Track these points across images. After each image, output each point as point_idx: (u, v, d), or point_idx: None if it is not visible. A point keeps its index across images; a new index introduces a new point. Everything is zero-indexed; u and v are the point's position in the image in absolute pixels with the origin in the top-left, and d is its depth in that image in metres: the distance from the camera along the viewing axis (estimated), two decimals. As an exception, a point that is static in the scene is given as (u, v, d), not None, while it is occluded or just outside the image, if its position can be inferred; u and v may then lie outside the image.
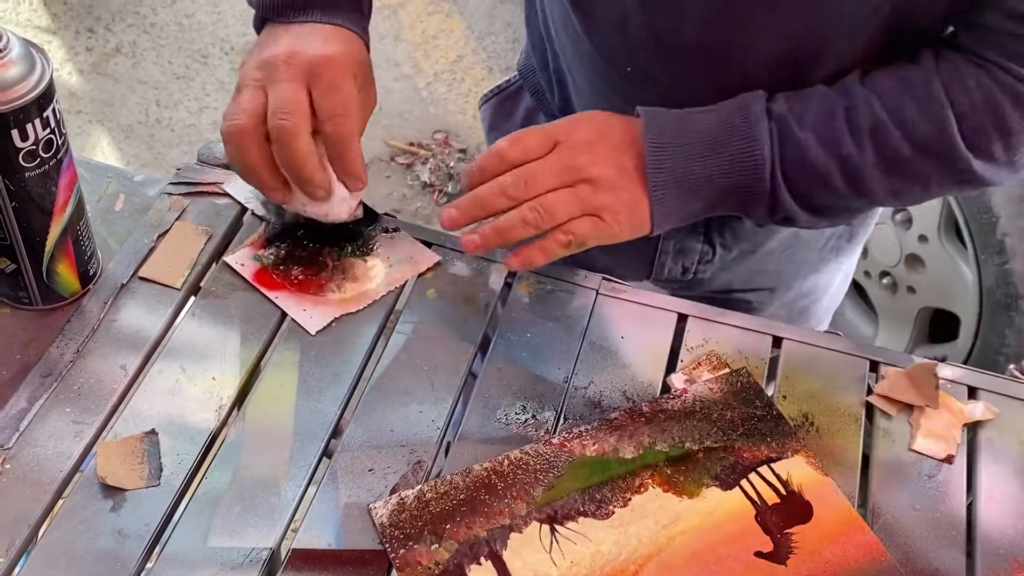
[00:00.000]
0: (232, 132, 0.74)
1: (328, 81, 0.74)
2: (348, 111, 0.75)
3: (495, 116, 1.05)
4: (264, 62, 0.75)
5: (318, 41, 0.76)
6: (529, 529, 0.66)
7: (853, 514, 0.69)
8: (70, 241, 0.75)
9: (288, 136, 0.73)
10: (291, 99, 0.73)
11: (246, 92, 0.75)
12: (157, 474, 0.68)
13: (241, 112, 0.74)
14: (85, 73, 2.56)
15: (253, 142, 0.74)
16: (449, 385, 0.75)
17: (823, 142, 0.74)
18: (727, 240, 0.96)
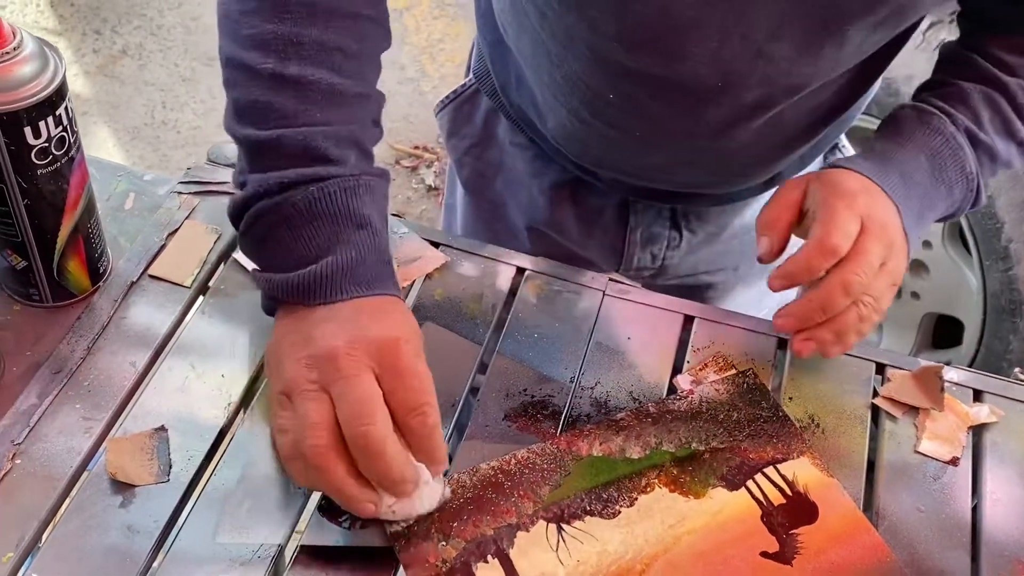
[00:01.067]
0: (313, 454, 0.63)
1: (402, 367, 0.64)
2: (430, 397, 0.65)
3: (453, 122, 1.05)
4: (319, 358, 0.64)
5: (372, 320, 0.66)
6: (536, 528, 0.67)
7: (858, 515, 0.69)
8: (81, 239, 0.75)
9: (377, 445, 0.62)
10: (368, 400, 0.63)
11: (309, 402, 0.64)
12: (166, 470, 0.68)
13: (315, 428, 0.63)
14: (91, 75, 2.57)
15: (340, 461, 0.63)
16: (456, 385, 0.76)
17: (1003, 135, 0.81)
18: (692, 224, 0.97)
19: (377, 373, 0.64)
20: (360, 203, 0.68)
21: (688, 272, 1.04)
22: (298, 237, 0.67)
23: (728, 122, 0.81)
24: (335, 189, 0.67)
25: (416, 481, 0.65)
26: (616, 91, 0.81)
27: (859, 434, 0.76)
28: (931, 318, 1.81)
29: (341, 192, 0.68)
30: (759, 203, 0.98)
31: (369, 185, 0.70)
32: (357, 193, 0.68)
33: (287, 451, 0.65)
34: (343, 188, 0.68)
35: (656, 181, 0.91)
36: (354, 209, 0.68)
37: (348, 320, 0.66)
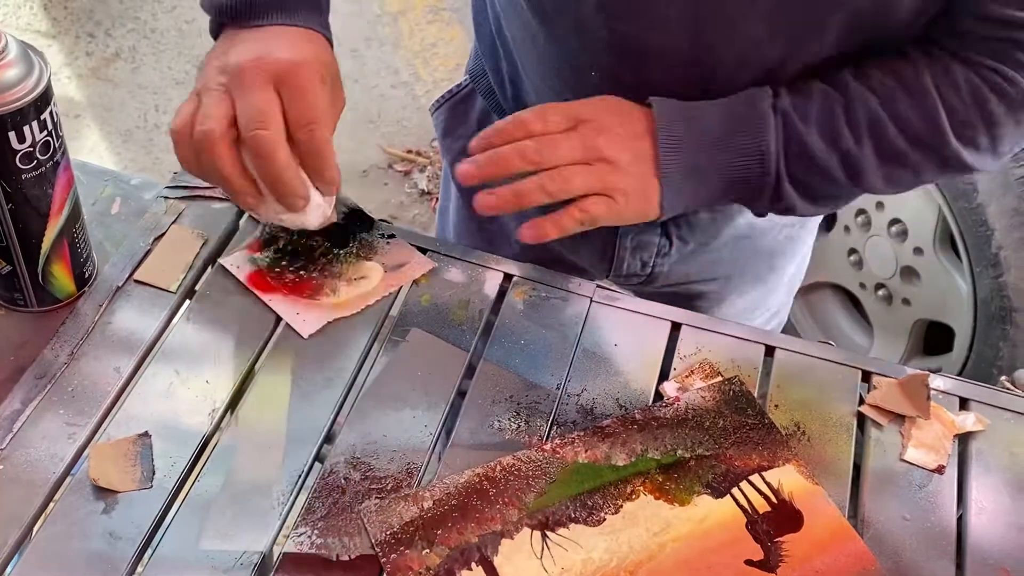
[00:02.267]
0: (205, 139, 0.72)
1: (299, 87, 0.72)
2: (321, 117, 0.73)
3: (448, 121, 1.06)
4: (229, 67, 0.73)
5: (284, 45, 0.75)
6: (520, 535, 0.67)
7: (843, 523, 0.69)
8: (66, 244, 0.75)
9: (268, 146, 0.71)
10: (265, 108, 0.71)
11: (212, 97, 0.73)
12: (150, 477, 0.68)
13: (209, 118, 0.72)
14: (84, 78, 2.56)
15: (226, 149, 0.72)
16: (442, 391, 0.76)
17: (824, 137, 0.77)
18: (683, 233, 0.97)
19: (278, 89, 0.72)
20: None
21: (679, 280, 1.03)
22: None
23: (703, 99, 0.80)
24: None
25: (306, 196, 0.74)
26: (598, 67, 0.82)
27: (845, 442, 0.76)
28: (922, 324, 1.81)
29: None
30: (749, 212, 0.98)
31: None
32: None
33: (177, 136, 0.74)
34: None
35: None
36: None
37: (263, 41, 0.74)
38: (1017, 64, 0.75)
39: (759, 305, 1.12)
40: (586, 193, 0.76)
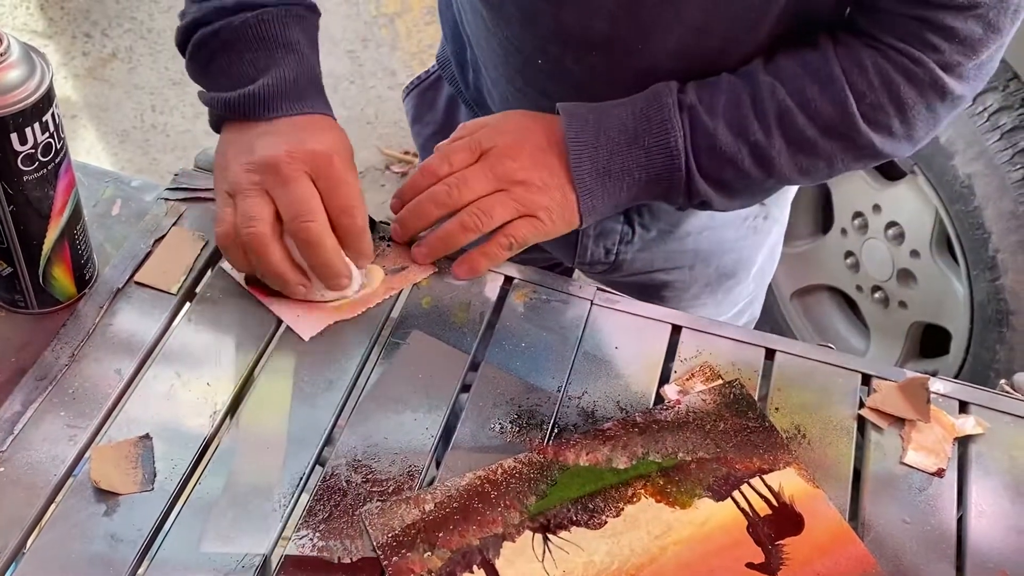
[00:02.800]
0: (254, 240, 0.74)
1: (336, 177, 0.75)
2: (358, 202, 0.76)
3: (418, 108, 1.08)
4: (261, 164, 0.75)
5: (307, 135, 0.77)
6: (522, 538, 0.67)
7: (844, 526, 0.70)
8: (67, 245, 0.75)
9: (316, 237, 0.74)
10: (308, 200, 0.74)
11: (250, 198, 0.75)
12: (151, 479, 0.68)
13: (254, 220, 0.74)
14: (81, 78, 2.56)
15: (276, 247, 0.75)
16: (443, 393, 0.76)
17: (732, 129, 0.78)
18: (645, 220, 0.98)
19: (313, 179, 0.74)
20: (289, 31, 0.78)
21: (643, 269, 1.04)
22: (236, 61, 0.78)
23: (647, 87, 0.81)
24: (268, 17, 0.78)
25: (350, 275, 0.78)
26: (544, 54, 0.84)
27: (845, 445, 0.76)
28: (918, 327, 1.81)
29: (273, 20, 0.78)
30: None
31: (298, 15, 0.80)
32: (285, 21, 0.78)
33: (224, 240, 0.76)
34: (273, 17, 0.78)
35: None
36: (283, 35, 0.78)
37: (286, 134, 0.76)
38: (926, 46, 0.75)
39: (727, 297, 1.12)
40: (509, 219, 0.79)
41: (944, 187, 1.61)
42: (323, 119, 0.80)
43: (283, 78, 0.77)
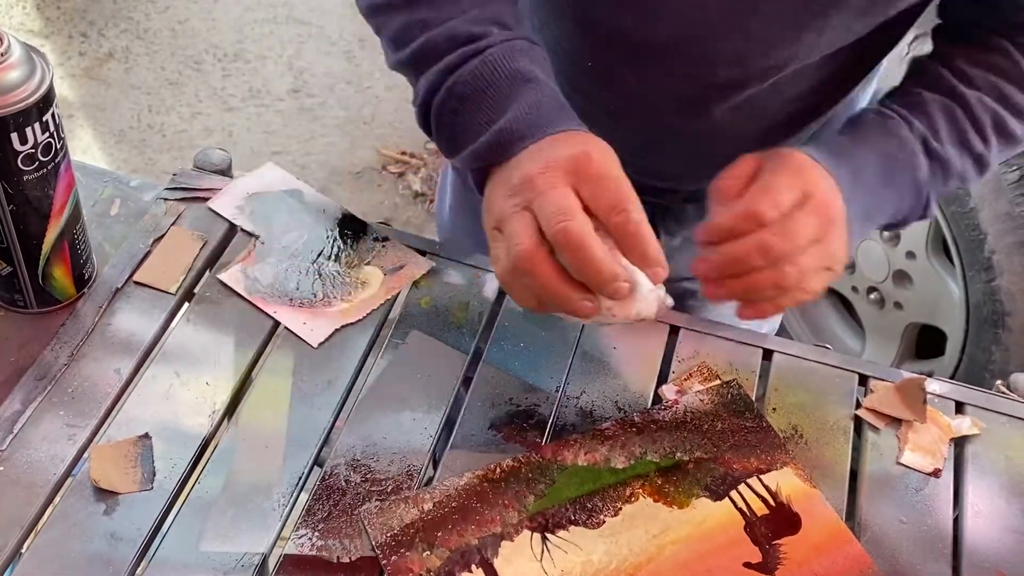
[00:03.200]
0: (520, 258, 0.66)
1: (597, 174, 0.67)
2: (631, 197, 0.67)
3: None
4: (516, 187, 0.68)
5: (562, 146, 0.69)
6: (520, 537, 0.67)
7: (841, 526, 0.70)
8: (66, 245, 0.75)
9: (576, 236, 0.65)
10: (563, 202, 0.66)
11: (511, 220, 0.68)
12: (150, 478, 0.68)
13: (516, 237, 0.67)
14: (78, 78, 2.56)
15: (544, 261, 0.66)
16: (442, 393, 0.76)
17: (958, 147, 0.80)
18: (671, 226, 0.98)
19: (574, 185, 0.67)
20: (519, 63, 0.72)
21: (671, 278, 1.04)
22: (476, 109, 0.72)
23: (698, 99, 0.81)
24: (492, 56, 0.72)
25: (628, 280, 0.67)
26: (593, 57, 0.83)
27: (842, 445, 0.76)
28: (914, 328, 1.82)
29: (499, 58, 0.72)
30: None
31: (522, 47, 0.73)
32: (512, 55, 0.72)
33: (503, 275, 0.69)
34: (499, 54, 0.72)
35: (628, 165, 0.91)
36: (514, 68, 0.72)
37: (539, 152, 0.70)
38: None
39: None
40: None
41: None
42: (577, 133, 0.72)
43: (527, 107, 0.71)
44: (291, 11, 2.77)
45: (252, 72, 2.60)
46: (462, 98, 0.72)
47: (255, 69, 2.61)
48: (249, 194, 0.87)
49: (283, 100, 2.54)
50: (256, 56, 2.64)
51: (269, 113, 2.50)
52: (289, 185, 0.89)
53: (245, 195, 0.87)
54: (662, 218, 0.98)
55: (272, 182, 0.89)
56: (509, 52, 0.72)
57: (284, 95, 2.55)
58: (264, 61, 2.63)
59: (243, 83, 2.57)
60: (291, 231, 0.85)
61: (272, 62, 2.63)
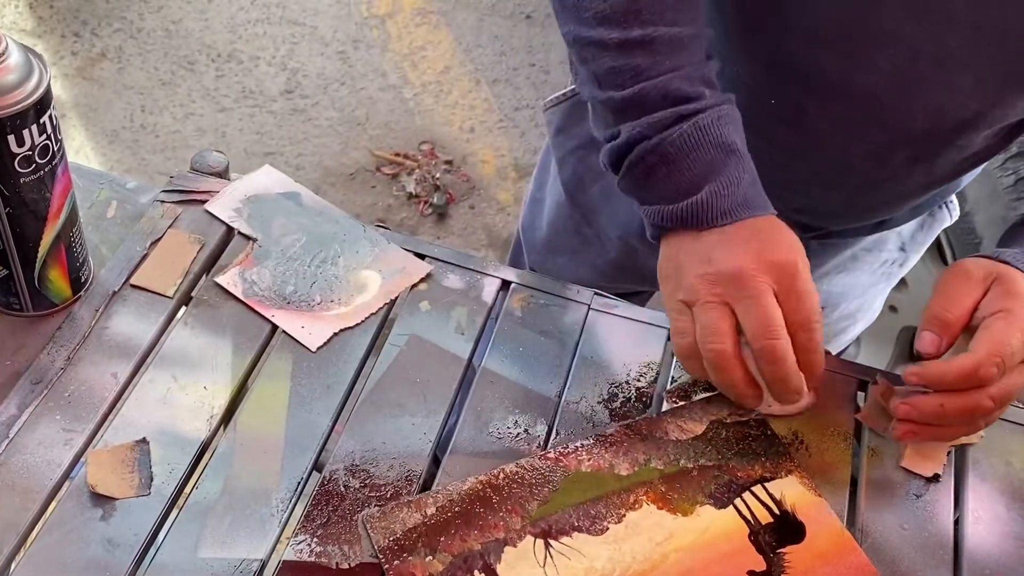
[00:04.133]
0: (718, 358, 0.71)
1: (800, 291, 0.71)
2: (818, 316, 0.71)
3: (564, 120, 1.04)
4: (724, 276, 0.71)
5: (765, 242, 0.72)
6: (523, 543, 0.66)
7: (845, 535, 0.69)
8: (63, 248, 0.74)
9: (782, 356, 0.70)
10: (774, 317, 0.70)
11: (712, 311, 0.71)
12: (148, 483, 0.67)
13: (718, 336, 0.71)
14: (70, 77, 2.54)
15: (738, 364, 0.71)
16: (441, 398, 0.75)
17: None
18: None
19: (776, 292, 0.70)
20: (726, 131, 0.74)
21: None
22: (679, 170, 0.74)
23: (886, 147, 0.81)
24: (706, 123, 0.73)
25: (803, 389, 0.72)
26: (781, 98, 0.82)
27: (843, 451, 0.76)
28: (909, 331, 1.81)
29: (710, 124, 0.73)
30: (859, 245, 0.98)
31: (729, 114, 0.75)
32: (721, 123, 0.74)
33: (683, 351, 0.74)
34: (710, 120, 0.73)
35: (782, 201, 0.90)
36: (723, 138, 0.74)
37: (744, 242, 0.72)
38: None
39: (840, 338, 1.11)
40: None
41: (935, 192, 1.61)
42: (772, 221, 0.74)
43: (730, 182, 0.73)
44: (285, 12, 2.76)
45: (245, 73, 2.59)
46: (666, 157, 0.74)
47: (248, 70, 2.60)
48: (247, 197, 0.87)
49: (276, 101, 2.53)
50: (249, 57, 2.63)
51: (262, 114, 2.49)
52: (287, 188, 0.88)
53: (243, 198, 0.86)
54: None
55: (270, 185, 0.88)
56: (718, 119, 0.74)
57: (277, 96, 2.54)
58: (257, 62, 2.62)
59: (236, 83, 2.56)
60: (289, 234, 0.84)
61: (265, 63, 2.62)
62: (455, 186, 2.41)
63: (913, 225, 1.00)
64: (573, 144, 1.03)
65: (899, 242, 1.01)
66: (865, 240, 0.98)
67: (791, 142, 0.83)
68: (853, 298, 1.05)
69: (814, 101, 0.80)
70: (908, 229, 1.01)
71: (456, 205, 2.38)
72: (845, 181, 0.87)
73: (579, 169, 1.03)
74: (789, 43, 0.78)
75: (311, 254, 0.83)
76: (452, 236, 2.31)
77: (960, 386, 0.70)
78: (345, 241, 0.84)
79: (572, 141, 1.03)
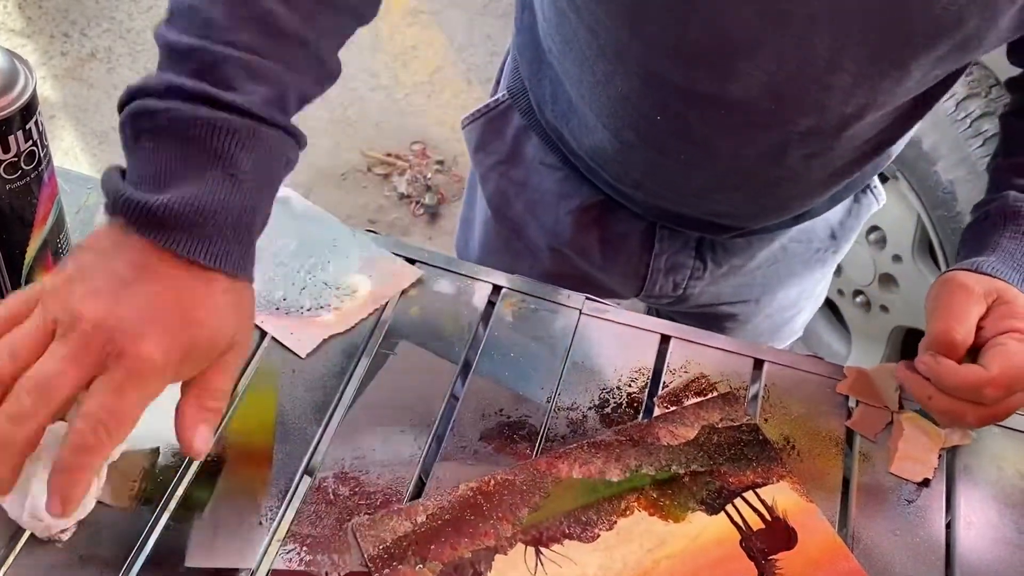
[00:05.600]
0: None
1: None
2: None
3: (482, 137, 1.04)
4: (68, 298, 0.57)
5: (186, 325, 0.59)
6: (514, 551, 0.66)
7: (837, 541, 0.69)
8: (50, 253, 0.74)
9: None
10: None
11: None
12: (143, 499, 0.67)
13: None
14: (59, 78, 2.53)
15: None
16: (432, 404, 0.75)
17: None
18: (718, 256, 0.97)
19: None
20: (239, 149, 0.60)
21: (709, 302, 1.03)
22: (160, 155, 0.60)
23: (777, 148, 0.80)
24: (222, 123, 0.60)
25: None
26: (665, 112, 0.81)
27: (834, 456, 0.76)
28: (900, 331, 1.82)
29: (226, 130, 0.60)
30: (787, 236, 0.98)
31: (261, 135, 0.61)
32: (246, 144, 0.60)
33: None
34: (233, 126, 0.60)
35: (693, 207, 0.90)
36: (230, 154, 0.60)
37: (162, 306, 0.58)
38: None
39: (786, 327, 1.12)
40: None
41: (926, 192, 1.62)
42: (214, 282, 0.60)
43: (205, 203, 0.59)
44: (275, 11, 2.75)
45: (236, 73, 2.58)
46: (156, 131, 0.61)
47: (239, 70, 2.59)
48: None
49: (267, 101, 2.53)
50: (240, 56, 2.62)
51: (253, 114, 2.48)
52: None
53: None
54: (710, 249, 0.97)
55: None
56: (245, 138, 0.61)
57: (268, 96, 2.54)
58: (248, 61, 2.61)
59: (227, 84, 2.55)
60: (279, 239, 0.84)
61: (256, 63, 2.61)
62: (447, 186, 2.41)
63: (840, 212, 1.01)
64: (493, 160, 1.03)
65: (828, 230, 1.02)
66: (791, 231, 0.99)
67: (684, 152, 0.83)
68: (791, 286, 1.06)
69: (695, 112, 0.79)
70: (836, 216, 1.01)
71: (448, 205, 2.38)
72: (746, 184, 0.87)
73: (501, 184, 1.03)
74: (658, 61, 0.76)
75: (301, 260, 0.83)
76: (444, 236, 2.30)
77: (959, 395, 0.71)
78: (335, 247, 0.84)
79: (491, 157, 1.03)
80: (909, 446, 0.77)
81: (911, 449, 0.77)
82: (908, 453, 0.77)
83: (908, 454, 0.76)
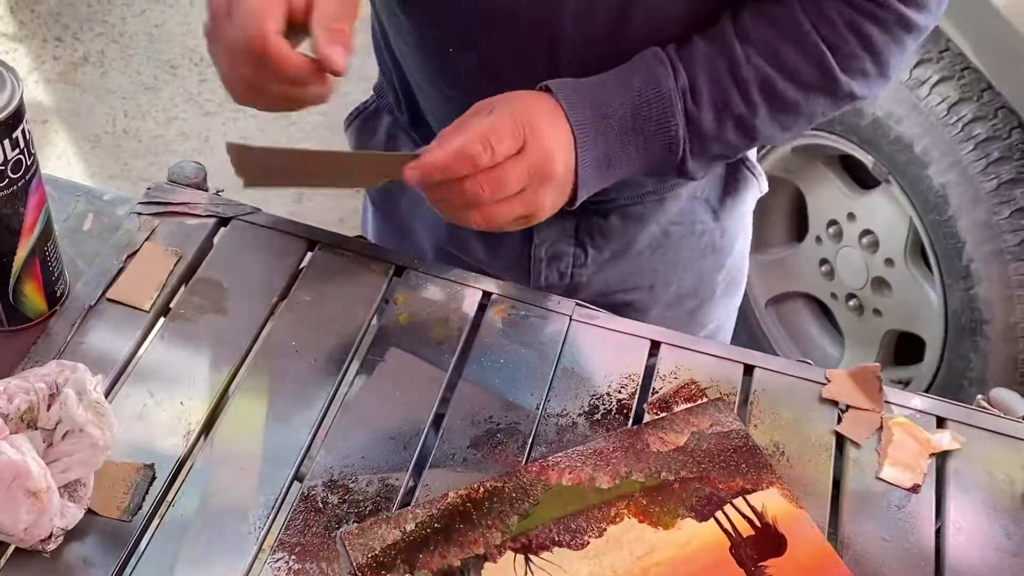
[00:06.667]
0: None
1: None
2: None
3: (359, 138, 1.05)
4: None
5: None
6: (503, 559, 0.66)
7: (827, 548, 0.69)
8: (37, 262, 0.73)
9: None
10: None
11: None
12: (134, 511, 0.67)
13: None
14: (52, 82, 2.53)
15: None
16: (421, 411, 0.75)
17: (717, 107, 0.78)
18: (597, 241, 0.97)
19: None
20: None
21: (601, 290, 1.02)
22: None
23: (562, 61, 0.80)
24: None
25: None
26: (453, 40, 0.82)
27: (824, 462, 0.76)
28: (892, 335, 1.82)
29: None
30: (664, 217, 0.98)
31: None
32: None
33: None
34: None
35: None
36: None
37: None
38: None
39: (692, 319, 1.11)
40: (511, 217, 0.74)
41: (919, 196, 1.62)
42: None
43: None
44: (268, 15, 2.75)
45: (229, 77, 2.58)
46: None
47: (232, 74, 2.59)
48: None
49: (260, 105, 2.52)
50: (233, 61, 2.62)
51: (245, 118, 2.48)
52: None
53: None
54: (588, 234, 0.97)
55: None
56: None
57: (261, 100, 2.54)
58: (241, 66, 2.61)
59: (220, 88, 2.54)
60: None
61: (249, 67, 2.61)
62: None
63: (716, 190, 1.00)
64: None
65: (709, 211, 1.01)
66: (669, 213, 0.98)
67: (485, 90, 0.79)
68: (683, 274, 1.04)
69: (476, 34, 0.81)
70: (714, 196, 1.00)
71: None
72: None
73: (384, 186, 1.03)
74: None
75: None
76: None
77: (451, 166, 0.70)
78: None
79: None
80: (899, 452, 0.77)
81: (901, 455, 0.77)
82: (898, 459, 0.76)
83: (898, 460, 0.76)
